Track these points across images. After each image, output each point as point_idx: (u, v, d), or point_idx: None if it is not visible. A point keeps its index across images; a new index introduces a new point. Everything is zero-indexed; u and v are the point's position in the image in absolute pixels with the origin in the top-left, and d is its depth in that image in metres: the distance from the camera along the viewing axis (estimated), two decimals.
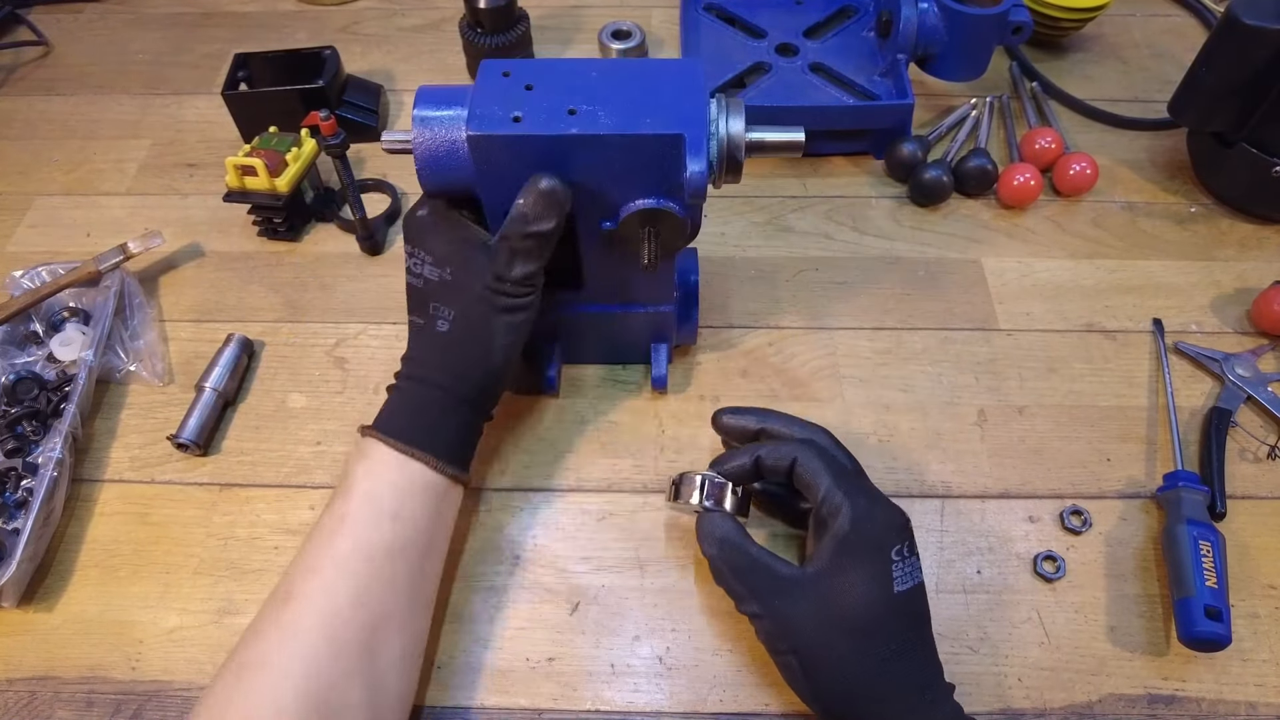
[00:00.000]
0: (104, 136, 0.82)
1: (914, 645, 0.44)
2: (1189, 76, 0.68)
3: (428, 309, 0.49)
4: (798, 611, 0.43)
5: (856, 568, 0.43)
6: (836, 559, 0.43)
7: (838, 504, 0.44)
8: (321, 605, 0.43)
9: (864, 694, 0.42)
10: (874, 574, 0.43)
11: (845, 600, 0.42)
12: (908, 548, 0.44)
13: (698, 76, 0.48)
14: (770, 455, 0.48)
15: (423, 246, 0.49)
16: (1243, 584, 0.53)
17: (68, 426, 0.57)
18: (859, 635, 0.42)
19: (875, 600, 0.42)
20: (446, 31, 0.91)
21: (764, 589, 0.44)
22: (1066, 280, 0.68)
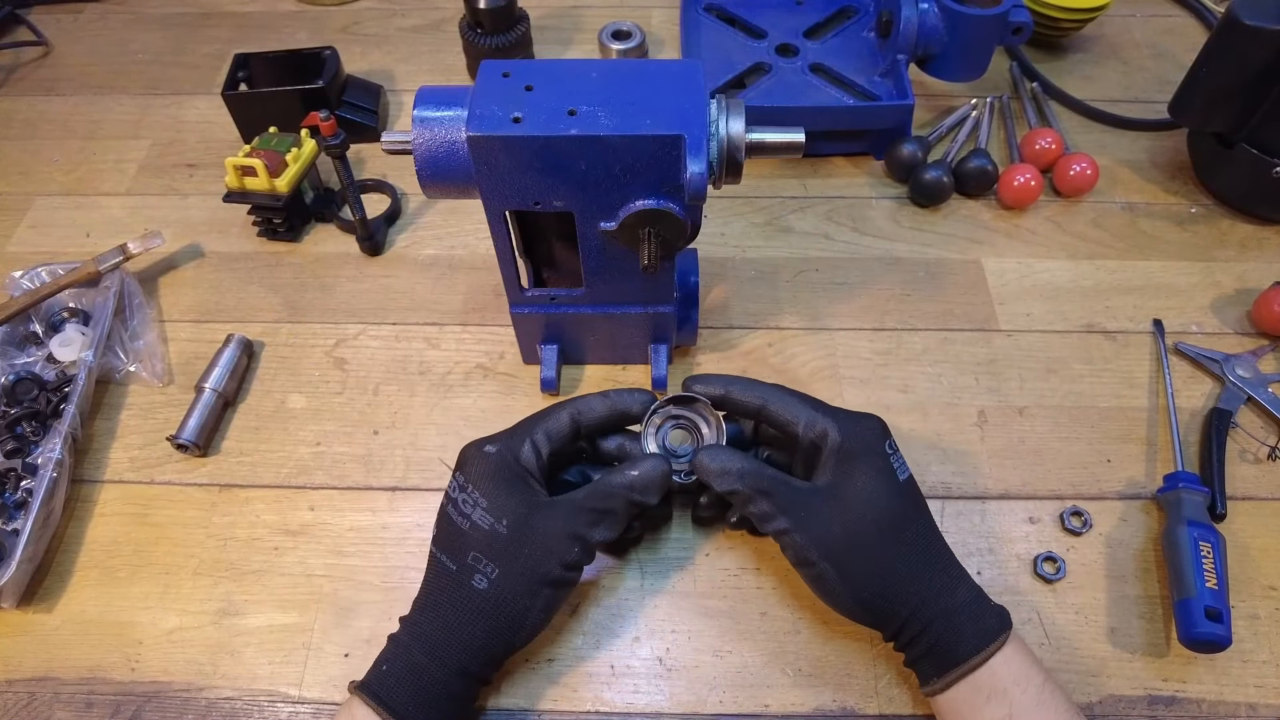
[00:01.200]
0: (104, 136, 0.82)
1: (929, 529, 0.47)
2: (1189, 77, 0.68)
3: (465, 556, 0.45)
4: (824, 518, 0.45)
5: (862, 469, 0.46)
6: (841, 467, 0.46)
7: (822, 426, 0.47)
8: None
9: (897, 582, 0.44)
10: (878, 469, 0.46)
11: (863, 498, 0.45)
12: (892, 443, 0.48)
13: (698, 77, 0.48)
14: (741, 393, 0.49)
15: (479, 488, 0.46)
16: (1243, 585, 0.53)
17: (67, 427, 0.57)
18: (884, 526, 0.45)
19: (887, 491, 0.45)
20: (446, 32, 0.91)
21: (790, 504, 0.45)
22: (1066, 281, 0.68)
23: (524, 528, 0.45)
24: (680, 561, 0.55)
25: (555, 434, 0.49)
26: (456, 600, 0.45)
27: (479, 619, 0.44)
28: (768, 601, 0.53)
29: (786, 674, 0.50)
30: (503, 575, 0.44)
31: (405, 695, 0.43)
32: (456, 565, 0.45)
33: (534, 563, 0.45)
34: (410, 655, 0.44)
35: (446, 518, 0.47)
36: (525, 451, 0.47)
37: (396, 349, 0.65)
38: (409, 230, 0.73)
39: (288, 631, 0.52)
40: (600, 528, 0.46)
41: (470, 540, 0.45)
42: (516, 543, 0.45)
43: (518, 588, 0.44)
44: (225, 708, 0.50)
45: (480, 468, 0.47)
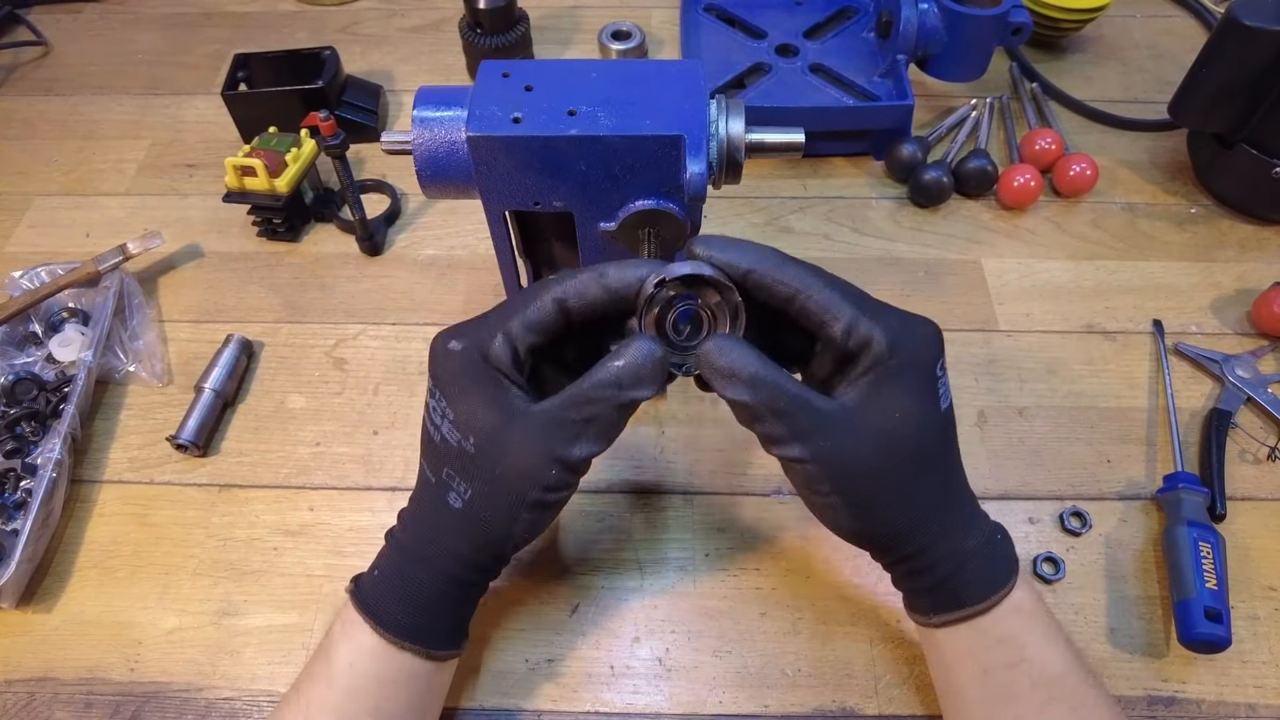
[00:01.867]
0: (103, 136, 0.82)
1: (955, 462, 0.42)
2: (1189, 77, 0.68)
3: (440, 471, 0.41)
4: (847, 448, 0.38)
5: (904, 392, 0.38)
6: (879, 386, 0.38)
7: (866, 331, 0.38)
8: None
9: (912, 519, 0.39)
10: (923, 394, 0.39)
11: (898, 428, 0.38)
12: (943, 363, 0.41)
13: (698, 77, 0.48)
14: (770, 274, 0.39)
15: (446, 394, 0.40)
16: (1243, 585, 0.53)
17: (67, 427, 0.57)
18: (915, 462, 0.39)
19: (927, 421, 0.39)
20: (446, 32, 0.91)
21: (808, 428, 0.38)
22: (1066, 281, 0.68)
23: (493, 446, 0.39)
24: (680, 561, 0.55)
25: (537, 324, 0.40)
26: (436, 515, 0.41)
27: (459, 536, 0.41)
28: (767, 601, 0.53)
29: (786, 674, 0.50)
30: (475, 496, 0.40)
31: (394, 604, 0.41)
32: (435, 479, 0.41)
33: (507, 486, 0.39)
34: (400, 562, 0.42)
35: (424, 426, 0.42)
36: (496, 346, 0.39)
37: (396, 349, 0.65)
38: (409, 230, 0.73)
39: (287, 631, 0.52)
40: (584, 441, 0.39)
41: (443, 455, 0.40)
42: (486, 463, 0.39)
43: (493, 511, 0.40)
44: (225, 708, 0.50)
45: (446, 369, 0.40)
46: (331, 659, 0.42)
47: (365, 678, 0.41)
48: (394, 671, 0.42)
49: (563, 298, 0.40)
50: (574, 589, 0.54)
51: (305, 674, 0.43)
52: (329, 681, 0.41)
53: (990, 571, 0.41)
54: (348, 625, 0.42)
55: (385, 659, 0.41)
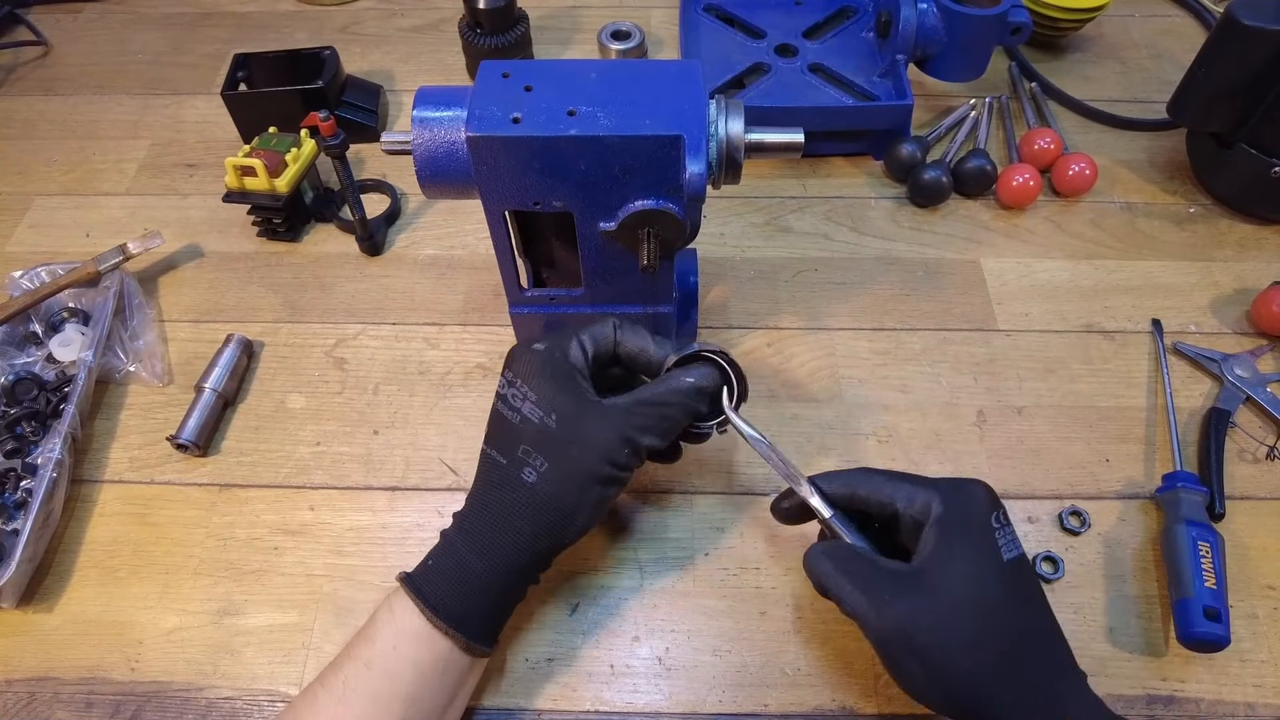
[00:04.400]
0: (103, 136, 0.82)
1: (1038, 624, 0.42)
2: (1188, 77, 0.68)
3: (515, 450, 0.45)
4: (914, 607, 0.40)
5: (963, 546, 0.41)
6: (941, 544, 0.41)
7: (924, 498, 0.43)
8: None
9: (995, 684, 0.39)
10: (980, 546, 0.41)
11: (957, 582, 0.40)
12: (1003, 515, 0.43)
13: (697, 77, 0.48)
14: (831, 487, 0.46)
15: (528, 382, 0.45)
16: (1241, 585, 0.53)
17: (67, 427, 0.57)
18: (981, 614, 0.40)
19: (988, 573, 0.41)
20: (446, 32, 0.91)
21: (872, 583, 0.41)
22: (1065, 281, 0.68)
23: (574, 423, 0.44)
24: (680, 561, 0.55)
25: (600, 338, 0.48)
26: (505, 494, 0.45)
27: (528, 512, 0.44)
28: (767, 601, 0.53)
29: (786, 673, 0.50)
30: (552, 468, 0.44)
31: (447, 589, 0.44)
32: (507, 459, 0.45)
33: (584, 459, 0.44)
34: (457, 550, 0.45)
35: (497, 414, 0.46)
36: (573, 349, 0.47)
37: (396, 349, 0.65)
38: (409, 230, 0.73)
39: (287, 631, 0.52)
40: (651, 433, 0.45)
41: (520, 434, 0.45)
42: (566, 438, 0.44)
43: (567, 483, 0.44)
44: (225, 708, 0.50)
45: (528, 363, 0.46)
46: (374, 640, 0.43)
47: (405, 662, 0.43)
48: (433, 659, 0.43)
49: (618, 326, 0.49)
50: (574, 589, 0.54)
51: (345, 653, 0.44)
52: (368, 662, 0.43)
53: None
54: (395, 609, 0.44)
55: (428, 644, 0.43)
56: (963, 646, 0.40)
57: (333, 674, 0.43)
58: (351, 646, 0.44)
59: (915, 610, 0.40)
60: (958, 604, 0.40)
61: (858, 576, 0.42)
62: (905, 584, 0.41)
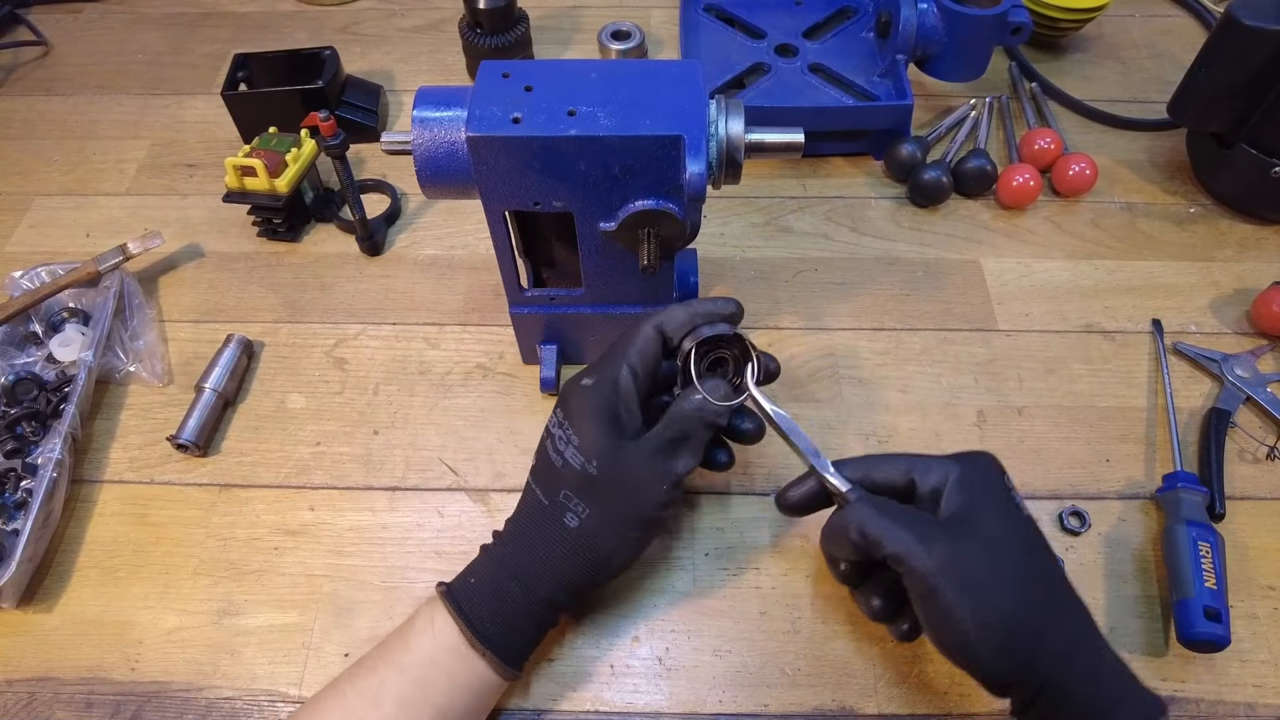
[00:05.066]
0: (103, 136, 0.82)
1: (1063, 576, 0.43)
2: (1188, 77, 0.68)
3: (557, 493, 0.46)
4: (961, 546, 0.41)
5: (988, 501, 0.43)
6: (967, 500, 0.43)
7: (941, 467, 0.44)
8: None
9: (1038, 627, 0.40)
10: (1003, 501, 0.43)
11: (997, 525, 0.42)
12: (1009, 479, 0.45)
13: (697, 78, 0.48)
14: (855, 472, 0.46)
15: (574, 424, 0.46)
16: (1242, 585, 0.53)
17: (67, 427, 0.57)
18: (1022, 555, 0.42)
19: (1018, 522, 0.43)
20: (446, 32, 0.91)
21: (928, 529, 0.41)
22: (1065, 281, 0.68)
23: (613, 469, 0.45)
24: (680, 561, 0.55)
25: (647, 352, 0.47)
26: (546, 534, 0.46)
27: (567, 555, 0.45)
28: (767, 601, 0.53)
29: (786, 673, 0.50)
30: (593, 516, 0.45)
31: (486, 612, 0.44)
32: (549, 501, 0.46)
33: (624, 505, 0.45)
34: (497, 576, 0.46)
35: (544, 452, 0.47)
36: (624, 377, 0.46)
37: (396, 349, 0.65)
38: (409, 230, 0.73)
39: (287, 631, 0.52)
40: (682, 458, 0.46)
41: (563, 478, 0.45)
42: (608, 484, 0.45)
43: (607, 529, 0.45)
44: (225, 708, 0.50)
45: (577, 403, 0.46)
46: (411, 648, 0.44)
47: (440, 672, 0.43)
48: (467, 675, 0.44)
49: (659, 325, 0.48)
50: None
51: (380, 655, 0.45)
52: (402, 668, 0.44)
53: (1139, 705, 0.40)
54: (435, 621, 0.44)
55: (464, 660, 0.44)
56: (1013, 582, 0.40)
57: (366, 675, 0.44)
58: (387, 650, 0.45)
59: (963, 549, 0.41)
60: (1001, 542, 0.41)
61: (902, 520, 0.42)
62: (948, 528, 0.42)
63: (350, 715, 0.43)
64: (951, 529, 0.42)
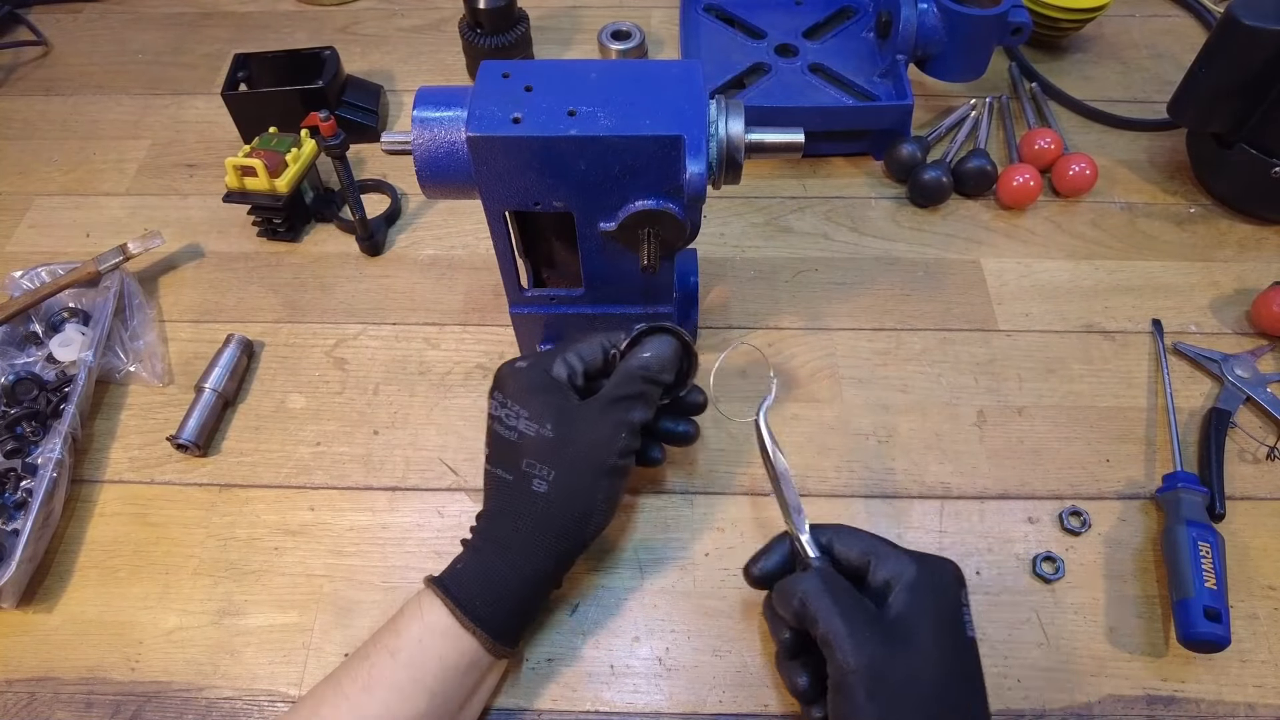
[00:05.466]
0: (103, 136, 0.82)
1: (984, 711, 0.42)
2: (1188, 77, 0.68)
3: (519, 465, 0.46)
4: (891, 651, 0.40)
5: (934, 612, 0.42)
6: (914, 605, 0.42)
7: (900, 561, 0.43)
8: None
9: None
10: (949, 618, 0.42)
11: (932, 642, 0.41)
12: (966, 595, 0.44)
13: (697, 78, 0.48)
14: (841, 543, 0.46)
15: (518, 400, 0.47)
16: (1242, 585, 0.53)
17: (67, 427, 0.57)
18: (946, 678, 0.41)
19: (956, 643, 0.42)
20: (446, 32, 0.91)
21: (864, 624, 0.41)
22: (1065, 281, 0.68)
23: (568, 426, 0.46)
24: (680, 561, 0.55)
25: (587, 354, 0.50)
26: (520, 507, 0.46)
27: (545, 520, 0.46)
28: None
29: None
30: (559, 474, 0.46)
31: (473, 589, 0.45)
32: (513, 475, 0.46)
33: (587, 455, 0.46)
34: (482, 556, 0.46)
35: (495, 435, 0.48)
36: (556, 367, 0.48)
37: (396, 349, 0.65)
38: (409, 230, 0.73)
39: (288, 631, 0.52)
40: (636, 409, 0.47)
41: (521, 449, 0.46)
42: (564, 441, 0.46)
43: (577, 482, 0.46)
44: (225, 708, 0.50)
45: (516, 382, 0.48)
46: (400, 633, 0.44)
47: (430, 656, 0.44)
48: (457, 656, 0.44)
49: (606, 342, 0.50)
50: (574, 589, 0.54)
51: (371, 645, 0.45)
52: (393, 653, 0.44)
53: None
54: (423, 606, 0.45)
55: (453, 640, 0.44)
56: (928, 703, 0.40)
57: (359, 663, 0.44)
58: (377, 639, 0.45)
59: (891, 654, 0.40)
60: (933, 661, 0.40)
61: (844, 605, 0.41)
62: (882, 627, 0.41)
63: (345, 704, 0.43)
64: (888, 631, 0.41)
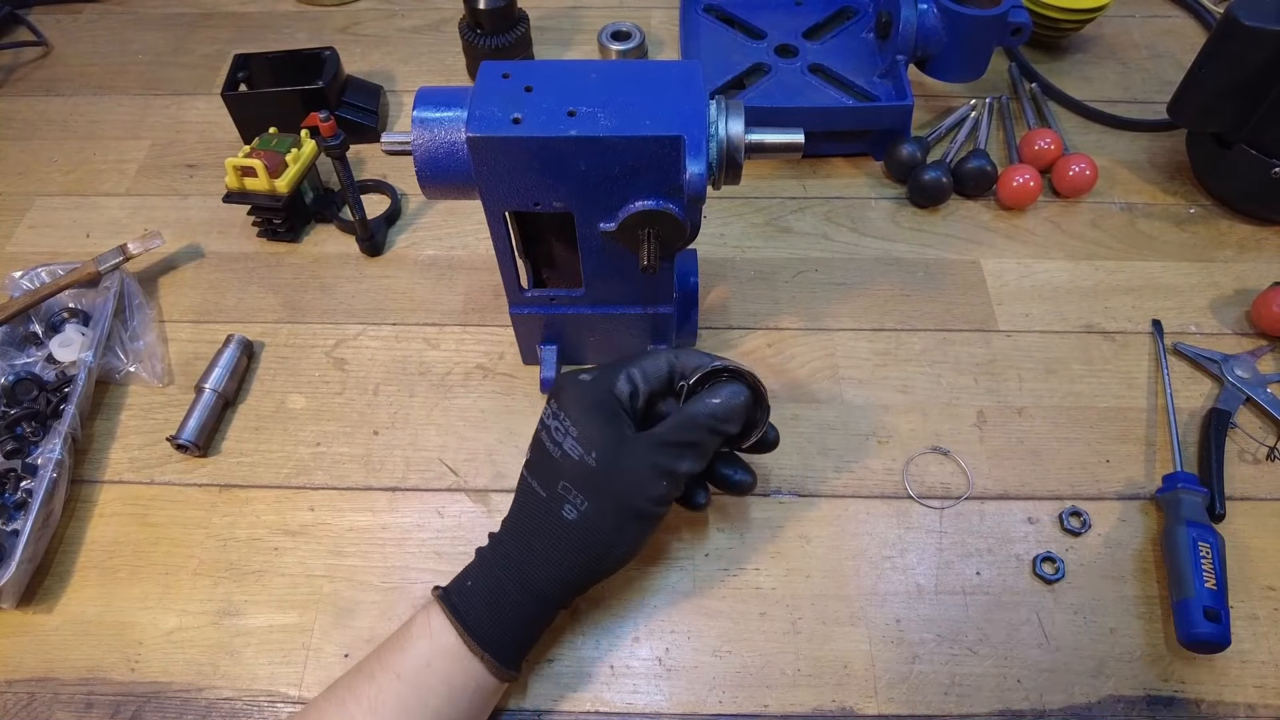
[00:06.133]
0: (104, 137, 0.82)
1: None
2: (1188, 78, 0.68)
3: (555, 485, 0.45)
4: None
5: None
6: None
7: None
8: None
9: None
10: None
11: None
12: None
13: (697, 78, 0.48)
14: None
15: (570, 415, 0.46)
16: (1242, 585, 0.53)
17: (67, 427, 0.57)
18: None
19: None
20: (446, 32, 0.91)
21: None
22: (1065, 281, 0.68)
23: (613, 461, 0.45)
24: (680, 561, 0.55)
25: (652, 374, 0.48)
26: (544, 528, 0.45)
27: (565, 549, 0.45)
28: (767, 601, 0.53)
29: (786, 674, 0.50)
30: (591, 507, 0.45)
31: (483, 612, 0.44)
32: (547, 493, 0.46)
33: (622, 497, 0.45)
34: (493, 575, 0.45)
35: (539, 443, 0.47)
36: (620, 383, 0.47)
37: (396, 349, 0.65)
38: (409, 231, 0.73)
39: (287, 632, 0.52)
40: (687, 460, 0.46)
41: (561, 469, 0.45)
42: (606, 476, 0.45)
43: (605, 521, 0.45)
44: (225, 708, 0.50)
45: (573, 395, 0.47)
46: (408, 652, 0.44)
47: (437, 678, 0.43)
48: (464, 679, 0.44)
49: (673, 360, 0.49)
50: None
51: (377, 660, 0.44)
52: (399, 674, 0.43)
53: None
54: (432, 624, 0.44)
55: (461, 664, 0.44)
56: None
57: (364, 682, 0.44)
58: (383, 655, 0.44)
59: None
60: None
61: None
62: None
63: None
64: None
